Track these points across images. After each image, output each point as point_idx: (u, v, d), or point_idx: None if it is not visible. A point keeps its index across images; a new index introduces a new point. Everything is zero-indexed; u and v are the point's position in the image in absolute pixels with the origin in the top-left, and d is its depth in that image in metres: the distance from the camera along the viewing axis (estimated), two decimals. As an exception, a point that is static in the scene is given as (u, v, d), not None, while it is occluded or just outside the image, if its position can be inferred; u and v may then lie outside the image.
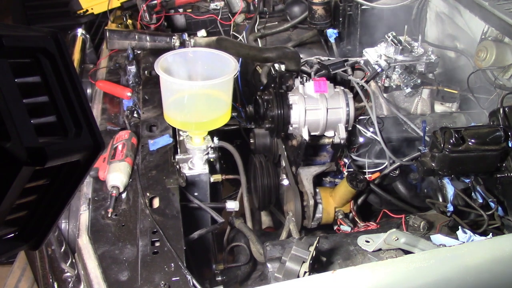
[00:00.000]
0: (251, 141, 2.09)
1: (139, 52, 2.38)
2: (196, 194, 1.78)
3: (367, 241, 1.35)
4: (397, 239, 1.27)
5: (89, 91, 2.34)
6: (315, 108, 1.74)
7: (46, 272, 1.61)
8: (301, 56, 2.06)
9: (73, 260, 1.52)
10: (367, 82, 1.90)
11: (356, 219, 1.77)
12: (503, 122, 1.56)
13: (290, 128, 1.77)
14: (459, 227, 1.40)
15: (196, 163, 1.79)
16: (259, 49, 2.18)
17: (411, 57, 1.93)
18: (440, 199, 1.73)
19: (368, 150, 1.88)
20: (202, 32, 2.64)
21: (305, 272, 1.15)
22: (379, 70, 1.89)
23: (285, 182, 1.97)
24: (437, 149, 1.53)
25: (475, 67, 2.04)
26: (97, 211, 1.53)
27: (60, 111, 0.69)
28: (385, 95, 1.98)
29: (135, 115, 1.97)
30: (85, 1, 2.85)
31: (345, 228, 1.74)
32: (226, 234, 2.05)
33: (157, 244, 1.40)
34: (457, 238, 1.34)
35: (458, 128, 1.51)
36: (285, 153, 1.93)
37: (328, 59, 2.04)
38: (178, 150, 1.85)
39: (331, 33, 2.28)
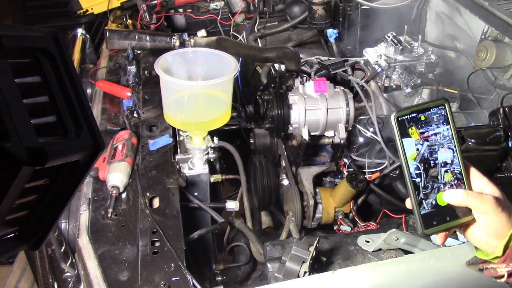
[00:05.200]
0: (251, 141, 2.09)
1: (139, 52, 2.38)
2: (196, 194, 1.78)
3: (367, 241, 1.35)
4: (397, 239, 1.27)
5: (89, 91, 2.34)
6: (315, 108, 1.74)
7: (46, 272, 1.60)
8: (301, 56, 2.06)
9: (73, 260, 1.52)
10: (367, 82, 1.90)
11: (356, 219, 1.77)
12: (503, 122, 1.56)
13: (290, 128, 1.77)
14: (459, 227, 1.40)
15: (196, 163, 1.79)
16: (259, 49, 2.18)
17: (411, 57, 1.93)
18: (440, 199, 1.72)
19: (368, 150, 1.88)
20: (202, 32, 2.64)
21: (305, 272, 1.15)
22: (379, 70, 1.89)
23: (285, 182, 1.96)
24: (437, 149, 1.52)
25: (475, 67, 2.04)
26: (97, 211, 1.53)
27: (60, 111, 0.69)
28: (385, 95, 1.98)
29: (135, 115, 1.97)
30: (85, 1, 2.86)
31: (345, 228, 1.74)
32: (226, 234, 2.05)
33: (157, 244, 1.40)
34: (457, 238, 1.33)
35: (458, 128, 1.51)
36: (285, 153, 1.93)
37: (328, 59, 2.04)
38: (178, 150, 1.85)
39: (331, 33, 2.28)
